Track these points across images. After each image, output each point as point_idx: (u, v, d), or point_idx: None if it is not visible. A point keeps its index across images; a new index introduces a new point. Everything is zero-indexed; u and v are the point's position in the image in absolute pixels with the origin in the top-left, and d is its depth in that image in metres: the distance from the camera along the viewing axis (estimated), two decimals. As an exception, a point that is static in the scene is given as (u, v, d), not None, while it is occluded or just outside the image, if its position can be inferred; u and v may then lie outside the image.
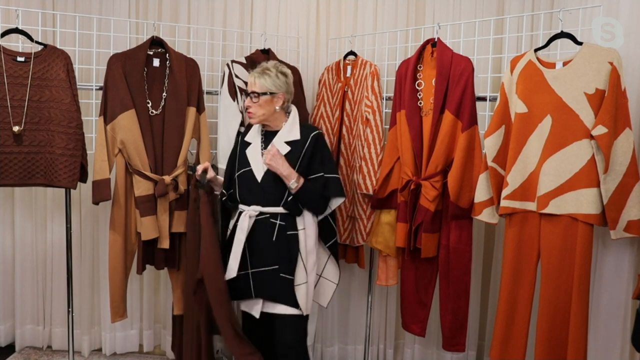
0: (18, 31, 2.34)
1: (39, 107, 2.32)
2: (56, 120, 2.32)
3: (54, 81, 2.33)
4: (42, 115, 2.32)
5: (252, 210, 2.19)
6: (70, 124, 2.33)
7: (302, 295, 2.18)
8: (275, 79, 2.19)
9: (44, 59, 2.33)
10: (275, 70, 2.21)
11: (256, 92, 2.18)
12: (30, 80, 2.29)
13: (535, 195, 2.02)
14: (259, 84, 2.19)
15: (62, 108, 2.33)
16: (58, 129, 2.33)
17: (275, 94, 2.19)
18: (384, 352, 3.07)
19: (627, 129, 1.89)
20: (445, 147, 2.27)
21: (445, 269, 2.32)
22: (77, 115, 2.36)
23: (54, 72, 2.33)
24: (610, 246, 2.09)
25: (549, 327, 1.98)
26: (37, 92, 2.32)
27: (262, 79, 2.19)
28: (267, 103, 2.19)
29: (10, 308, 3.12)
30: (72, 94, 2.36)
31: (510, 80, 2.10)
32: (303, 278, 2.19)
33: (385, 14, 2.94)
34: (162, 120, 2.47)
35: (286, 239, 2.17)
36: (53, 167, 2.34)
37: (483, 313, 2.99)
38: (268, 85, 2.18)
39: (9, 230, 3.07)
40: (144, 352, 3.16)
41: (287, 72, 2.26)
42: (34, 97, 2.31)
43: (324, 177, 2.20)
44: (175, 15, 3.01)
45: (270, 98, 2.19)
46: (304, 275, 2.19)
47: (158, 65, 2.51)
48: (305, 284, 2.18)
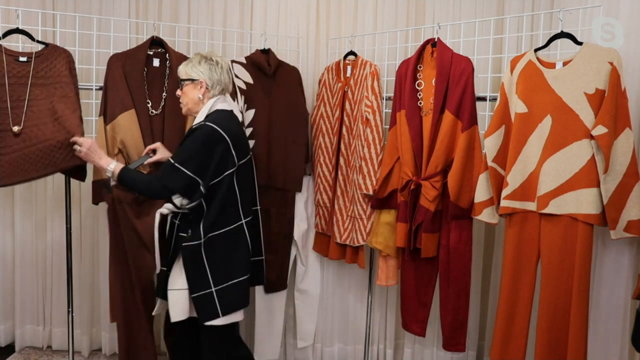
0: (19, 31, 2.34)
1: (42, 105, 2.29)
2: (60, 112, 2.28)
3: (57, 77, 2.32)
4: (44, 112, 2.29)
5: (164, 208, 2.11)
6: (74, 113, 2.31)
7: (172, 300, 2.07)
8: (196, 65, 2.13)
9: (46, 58, 2.33)
10: (199, 57, 2.16)
11: (179, 79, 2.16)
12: (33, 79, 2.28)
13: (535, 195, 2.02)
14: (181, 71, 2.16)
15: (67, 102, 2.30)
16: (61, 121, 2.28)
17: (195, 80, 2.12)
18: (384, 352, 3.07)
19: (627, 129, 1.89)
20: (445, 147, 2.27)
21: (445, 269, 2.32)
22: (79, 109, 2.34)
23: (56, 69, 2.32)
24: (610, 246, 2.09)
25: (549, 327, 1.98)
26: (41, 90, 2.29)
27: (185, 66, 2.15)
28: (190, 90, 2.14)
29: (10, 308, 3.12)
30: (75, 91, 2.35)
31: (510, 80, 2.10)
32: (180, 284, 2.07)
33: (385, 14, 2.94)
34: (162, 120, 2.47)
35: (177, 240, 2.10)
36: (54, 153, 2.28)
37: (483, 313, 2.99)
38: (189, 71, 2.13)
39: (9, 230, 3.07)
40: (144, 352, 3.16)
41: (215, 59, 2.15)
42: (38, 96, 2.29)
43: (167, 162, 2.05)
44: (175, 15, 3.01)
45: (193, 85, 2.13)
46: (182, 281, 2.06)
47: (158, 65, 2.51)
48: (179, 291, 2.07)
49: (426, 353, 3.01)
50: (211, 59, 2.15)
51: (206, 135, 2.01)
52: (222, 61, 2.17)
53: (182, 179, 2.00)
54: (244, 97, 2.64)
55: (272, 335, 2.87)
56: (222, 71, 2.15)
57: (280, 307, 2.87)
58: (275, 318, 2.86)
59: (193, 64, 2.14)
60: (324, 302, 3.03)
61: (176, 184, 2.01)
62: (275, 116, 2.70)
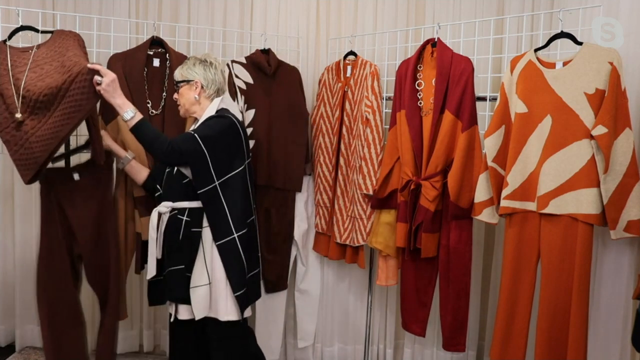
0: (23, 28, 2.31)
1: (52, 71, 2.09)
2: (72, 62, 2.05)
3: (70, 46, 2.19)
4: (54, 76, 2.06)
5: (162, 207, 2.16)
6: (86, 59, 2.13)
7: (197, 298, 2.11)
8: (191, 67, 2.18)
9: (54, 40, 2.25)
10: (194, 59, 2.21)
11: (175, 82, 2.20)
12: (33, 64, 2.13)
13: (535, 195, 2.02)
14: (177, 74, 2.21)
15: (78, 54, 2.13)
16: (72, 65, 2.05)
17: (190, 81, 2.16)
18: (384, 352, 3.07)
19: (627, 129, 1.89)
20: (445, 147, 2.27)
21: (445, 269, 2.32)
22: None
23: (67, 43, 2.22)
24: (610, 246, 2.09)
25: (549, 327, 1.98)
26: (51, 65, 2.12)
27: (180, 69, 2.20)
28: (186, 91, 2.18)
29: (10, 308, 3.12)
30: (86, 59, 2.15)
31: (510, 80, 2.10)
32: (203, 280, 2.12)
33: (385, 14, 2.94)
34: (162, 120, 2.47)
35: (190, 237, 2.12)
36: (75, 95, 2.04)
37: (483, 313, 2.99)
38: (184, 73, 2.18)
39: (9, 230, 3.07)
40: (144, 352, 3.16)
41: (210, 61, 2.20)
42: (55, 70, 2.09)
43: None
44: (175, 15, 3.01)
45: (188, 86, 2.17)
46: (204, 276, 2.11)
47: (158, 65, 2.51)
48: (203, 287, 2.11)
49: (426, 353, 3.01)
50: (205, 61, 2.20)
51: (228, 125, 2.12)
52: (216, 62, 2.22)
53: (193, 144, 2.04)
54: (244, 97, 2.64)
55: (272, 335, 2.87)
56: (216, 71, 2.20)
57: (280, 307, 2.87)
58: (276, 318, 2.86)
59: (188, 66, 2.19)
60: (324, 302, 3.03)
61: (187, 146, 2.04)
62: (275, 116, 2.70)
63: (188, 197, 2.13)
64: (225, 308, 2.14)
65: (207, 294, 2.11)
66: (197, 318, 2.13)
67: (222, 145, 2.09)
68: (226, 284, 2.14)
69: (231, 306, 2.15)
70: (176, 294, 2.15)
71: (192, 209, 2.13)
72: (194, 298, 2.11)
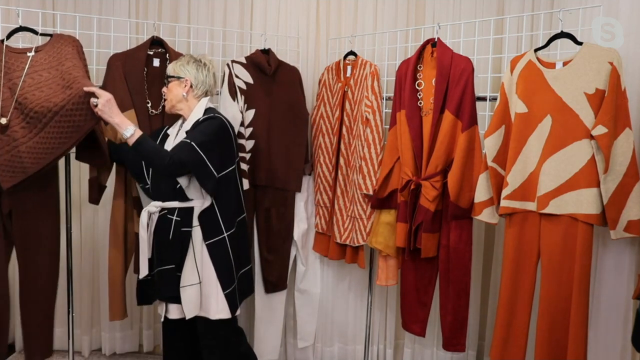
0: (22, 29, 2.31)
1: (51, 82, 2.13)
2: (72, 79, 2.10)
3: (68, 54, 2.21)
4: (53, 87, 2.11)
5: (152, 206, 2.16)
6: (84, 78, 2.14)
7: (187, 297, 2.12)
8: (184, 64, 2.21)
9: (52, 45, 2.25)
10: (189, 57, 2.23)
11: (166, 76, 2.22)
12: (30, 69, 2.16)
13: (535, 195, 2.02)
14: (170, 68, 2.23)
15: (77, 68, 2.16)
16: (73, 85, 2.09)
17: (181, 78, 2.18)
18: (384, 352, 3.07)
19: (627, 129, 1.89)
20: (445, 147, 2.27)
21: (445, 269, 2.32)
22: (89, 80, 2.19)
23: (66, 50, 2.23)
24: (610, 246, 2.09)
25: (549, 327, 1.98)
26: (49, 72, 2.15)
27: (174, 64, 2.22)
28: (175, 87, 2.19)
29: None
30: (85, 70, 2.23)
31: (510, 80, 2.10)
32: (193, 279, 2.13)
33: (385, 14, 2.94)
34: (162, 120, 2.47)
35: (180, 236, 2.13)
36: (74, 116, 2.09)
37: (483, 313, 2.99)
38: (177, 69, 2.20)
39: (9, 230, 3.06)
40: (144, 352, 3.16)
41: (204, 62, 2.23)
42: (42, 77, 2.14)
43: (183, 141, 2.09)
44: (175, 15, 3.01)
45: (178, 83, 2.19)
46: (195, 276, 2.13)
47: (158, 65, 2.51)
48: (193, 286, 2.12)
49: (426, 353, 3.01)
50: (200, 61, 2.22)
51: (218, 126, 2.13)
52: (210, 64, 2.24)
53: (192, 153, 2.04)
54: (244, 97, 2.64)
55: (272, 335, 2.87)
56: (208, 73, 2.22)
57: (280, 307, 2.87)
58: (276, 318, 2.86)
59: (182, 63, 2.21)
60: (324, 302, 3.03)
61: (187, 157, 2.03)
62: (275, 116, 2.70)
63: (177, 197, 2.14)
64: (216, 307, 2.16)
65: (197, 293, 2.12)
66: (187, 317, 2.13)
67: (215, 146, 2.11)
68: (216, 283, 2.15)
69: (222, 305, 2.16)
70: (166, 293, 2.16)
71: (181, 208, 2.14)
72: (184, 297, 2.11)
